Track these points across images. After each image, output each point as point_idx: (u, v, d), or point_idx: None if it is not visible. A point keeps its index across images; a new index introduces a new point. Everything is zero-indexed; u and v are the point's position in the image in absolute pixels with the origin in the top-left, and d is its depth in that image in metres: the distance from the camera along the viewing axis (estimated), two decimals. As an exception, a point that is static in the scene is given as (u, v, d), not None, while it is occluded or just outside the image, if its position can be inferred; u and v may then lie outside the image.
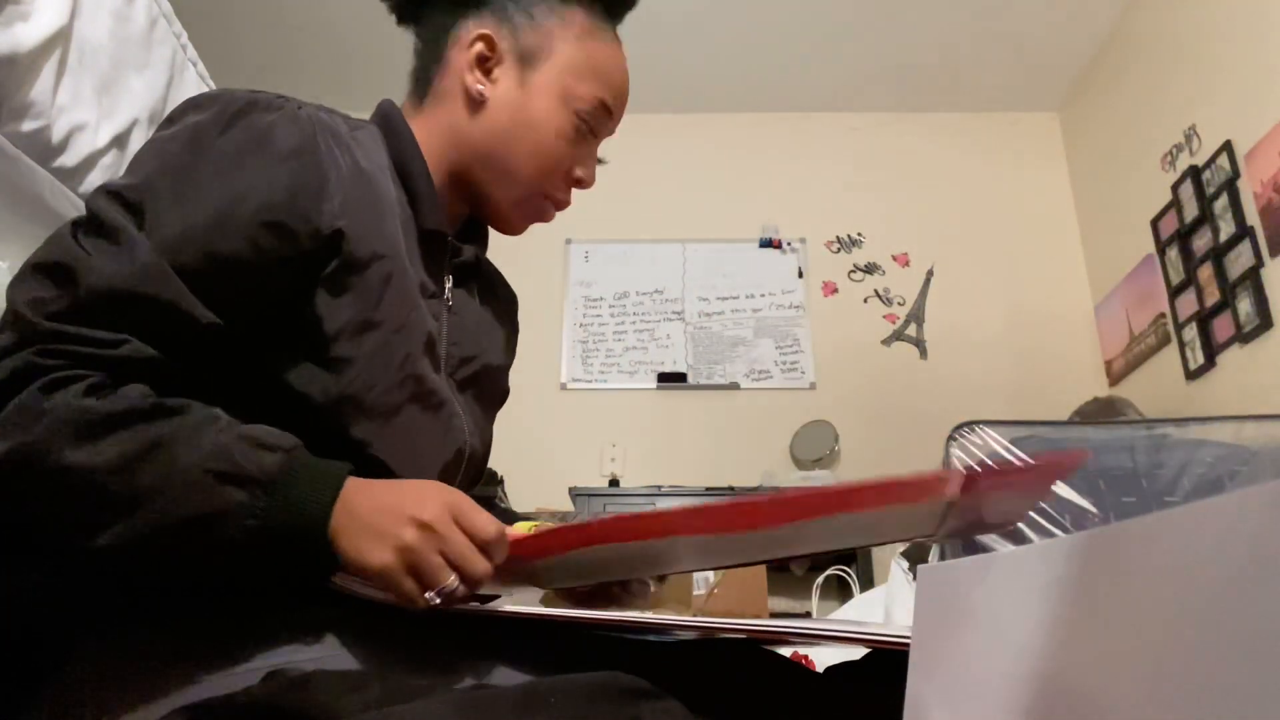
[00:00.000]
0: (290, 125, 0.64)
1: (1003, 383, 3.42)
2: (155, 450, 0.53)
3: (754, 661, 0.60)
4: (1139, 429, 2.04)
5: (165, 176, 0.60)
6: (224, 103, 0.64)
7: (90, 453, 0.52)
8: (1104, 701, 0.26)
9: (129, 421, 0.53)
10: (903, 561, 1.83)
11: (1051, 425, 2.17)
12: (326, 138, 0.66)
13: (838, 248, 3.72)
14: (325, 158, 0.65)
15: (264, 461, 0.54)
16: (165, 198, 0.59)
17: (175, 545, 0.53)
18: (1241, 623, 0.22)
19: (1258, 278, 2.55)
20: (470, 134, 0.77)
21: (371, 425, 0.65)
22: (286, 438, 0.57)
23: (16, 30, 0.82)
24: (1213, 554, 0.23)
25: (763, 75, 3.69)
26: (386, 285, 0.67)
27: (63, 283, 0.55)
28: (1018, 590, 0.31)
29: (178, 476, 0.52)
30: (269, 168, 0.62)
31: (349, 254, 0.65)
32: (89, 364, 0.54)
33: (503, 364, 0.89)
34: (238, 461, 0.53)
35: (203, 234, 0.59)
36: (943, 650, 0.34)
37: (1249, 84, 2.64)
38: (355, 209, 0.66)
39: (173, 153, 0.61)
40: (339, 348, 0.64)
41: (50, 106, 0.89)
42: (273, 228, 0.61)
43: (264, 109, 0.64)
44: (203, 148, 0.61)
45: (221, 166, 0.61)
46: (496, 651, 0.55)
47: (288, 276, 0.63)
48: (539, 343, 3.56)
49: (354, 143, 0.70)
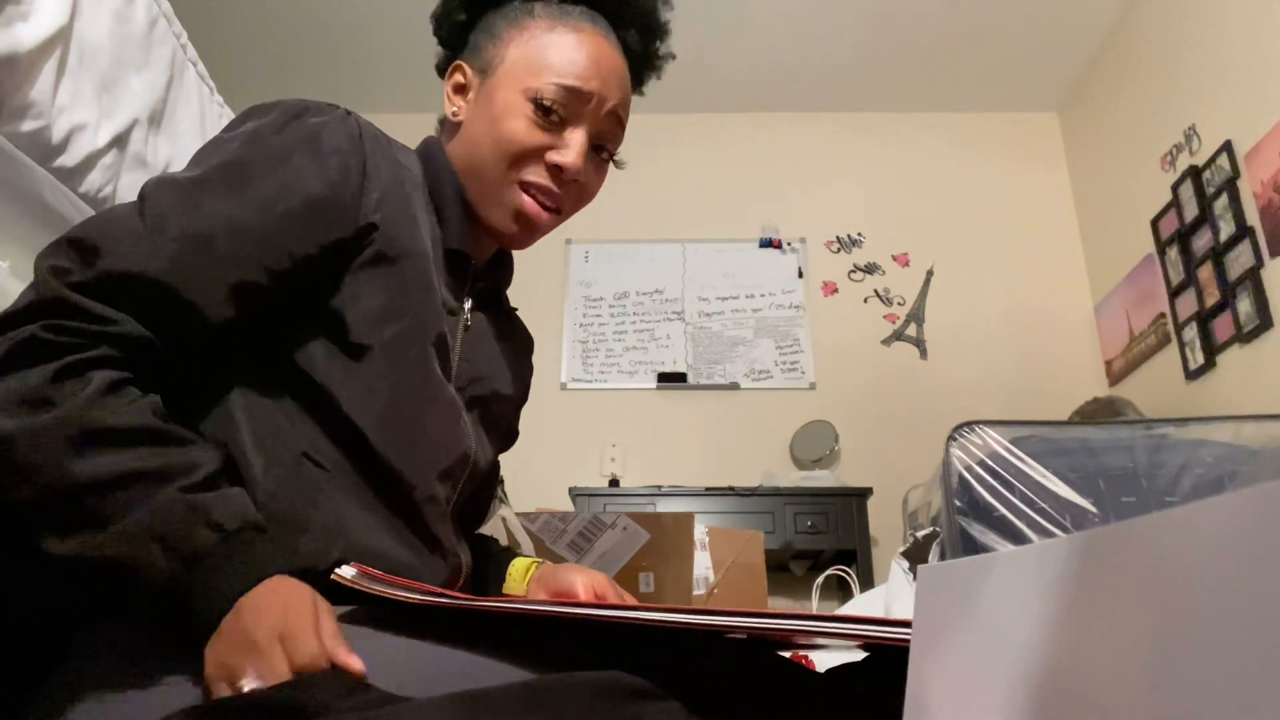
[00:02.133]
0: (339, 126, 0.70)
1: (1003, 383, 3.42)
2: (128, 482, 0.54)
3: (754, 661, 0.60)
4: (1139, 429, 2.04)
5: (221, 169, 0.65)
6: (283, 108, 0.70)
7: (86, 464, 0.54)
8: (1104, 701, 0.26)
9: (131, 442, 0.55)
10: (903, 561, 1.83)
11: (1051, 425, 2.18)
12: (371, 141, 0.72)
13: (838, 248, 3.72)
14: (368, 159, 0.71)
15: (197, 541, 0.54)
16: (218, 186, 0.64)
17: (104, 571, 0.55)
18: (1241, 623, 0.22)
19: (1258, 278, 2.55)
20: (457, 154, 0.82)
21: (374, 414, 0.67)
22: (242, 516, 0.57)
23: (16, 30, 0.82)
24: (1213, 554, 0.23)
25: (763, 75, 3.69)
26: (412, 282, 0.71)
27: (87, 257, 0.58)
28: (1018, 590, 0.31)
29: (124, 519, 0.54)
30: (315, 162, 0.67)
31: (382, 247, 0.69)
32: (86, 339, 0.57)
33: (513, 395, 0.91)
34: (176, 529, 0.54)
35: (248, 225, 0.63)
36: (943, 650, 0.34)
37: (1249, 84, 2.64)
38: (391, 209, 0.71)
39: (231, 150, 0.67)
40: (359, 334, 0.67)
41: (50, 106, 0.89)
42: (314, 217, 0.66)
43: (316, 113, 0.70)
44: (258, 145, 0.67)
45: (272, 161, 0.66)
46: (497, 651, 0.55)
47: (321, 263, 0.67)
48: (539, 343, 3.54)
49: (397, 156, 0.76)
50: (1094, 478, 1.91)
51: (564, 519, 1.57)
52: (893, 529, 3.01)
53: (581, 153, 0.80)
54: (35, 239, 0.86)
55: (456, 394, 0.78)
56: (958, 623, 0.34)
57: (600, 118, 0.81)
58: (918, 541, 1.88)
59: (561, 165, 0.79)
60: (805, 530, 2.93)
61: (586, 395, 3.51)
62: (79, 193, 0.98)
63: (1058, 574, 0.29)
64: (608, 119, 0.81)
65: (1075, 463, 1.94)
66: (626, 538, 1.64)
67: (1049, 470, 1.92)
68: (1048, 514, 1.88)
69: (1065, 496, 1.89)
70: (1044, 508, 1.89)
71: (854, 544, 2.93)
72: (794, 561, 3.14)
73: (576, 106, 0.79)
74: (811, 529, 2.93)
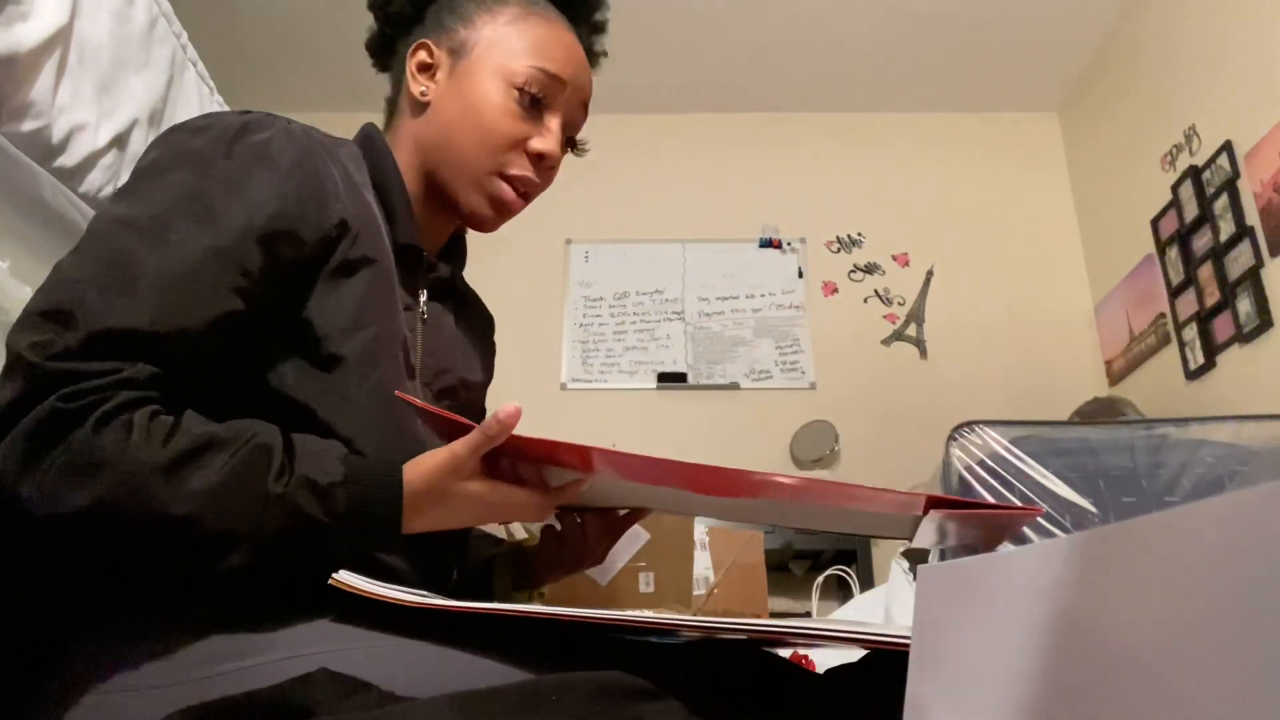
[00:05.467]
0: (286, 139, 0.67)
1: (1003, 383, 3.42)
2: (234, 482, 0.56)
3: (754, 661, 0.60)
4: (1139, 429, 2.04)
5: (180, 201, 0.62)
6: (220, 127, 0.66)
7: (178, 494, 0.54)
8: (1104, 702, 0.26)
9: (207, 452, 0.56)
10: (903, 561, 1.83)
11: (1051, 425, 2.18)
12: (319, 148, 0.70)
13: (838, 248, 3.72)
14: (323, 167, 0.69)
15: (334, 506, 0.59)
16: (183, 221, 0.61)
17: (280, 554, 0.57)
18: (1242, 623, 0.22)
19: (1258, 278, 2.55)
20: (425, 136, 0.81)
21: (357, 424, 0.67)
22: (338, 458, 0.61)
23: (16, 30, 0.82)
24: (1213, 554, 0.23)
25: (763, 75, 3.69)
26: (377, 287, 0.70)
27: (66, 324, 0.56)
28: (1018, 590, 0.31)
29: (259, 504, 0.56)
30: (276, 181, 0.65)
31: (349, 252, 0.68)
32: (104, 392, 0.55)
33: (480, 380, 0.91)
34: (305, 512, 0.58)
35: (224, 255, 0.61)
36: (943, 650, 0.34)
37: (1249, 84, 2.64)
38: (354, 215, 0.70)
39: (180, 180, 0.63)
40: (330, 345, 0.66)
41: (50, 106, 0.89)
42: (286, 235, 0.64)
43: (258, 128, 0.67)
44: (211, 172, 0.64)
45: (231, 186, 0.63)
46: (497, 651, 0.55)
47: (294, 279, 0.66)
48: (539, 343, 3.56)
49: (341, 156, 0.73)
50: (1094, 478, 1.91)
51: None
52: (893, 529, 3.01)
53: (560, 140, 0.82)
54: (35, 239, 0.86)
55: (424, 389, 0.78)
56: (958, 622, 0.34)
57: (573, 106, 0.83)
58: (918, 541, 1.88)
59: (544, 153, 0.80)
60: (805, 530, 2.93)
61: (586, 395, 3.51)
62: (79, 193, 0.98)
63: (1058, 574, 0.29)
64: (580, 108, 0.84)
65: (1075, 463, 1.94)
66: (626, 538, 1.64)
67: (1049, 470, 1.92)
68: (1048, 514, 1.88)
69: (1065, 496, 1.89)
70: (1044, 508, 1.89)
71: (854, 544, 2.93)
72: (794, 561, 3.14)
73: (554, 94, 0.80)
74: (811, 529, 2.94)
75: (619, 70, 4.35)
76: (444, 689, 0.48)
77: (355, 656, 0.55)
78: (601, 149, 1.56)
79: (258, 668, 0.53)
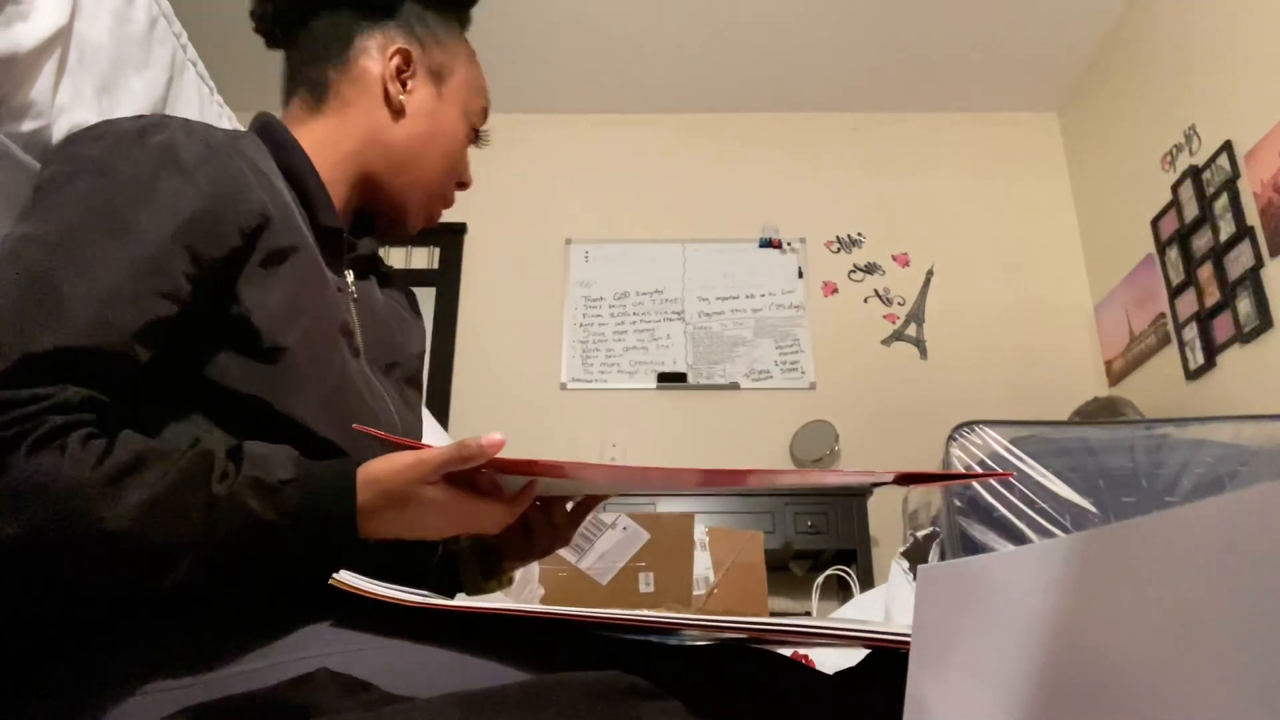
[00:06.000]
0: (188, 138, 0.66)
1: (1003, 383, 3.42)
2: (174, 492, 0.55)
3: (754, 661, 0.60)
4: (1139, 429, 2.04)
5: (88, 215, 0.60)
6: (116, 133, 0.65)
7: (115, 510, 0.52)
8: (1104, 702, 0.26)
9: (145, 469, 0.55)
10: (903, 561, 1.83)
11: (1051, 425, 2.18)
12: (221, 143, 0.68)
13: (838, 248, 3.72)
14: (230, 162, 0.67)
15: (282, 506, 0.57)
16: (95, 234, 0.59)
17: (232, 564, 0.56)
18: (1242, 623, 0.22)
19: (1258, 278, 2.55)
20: (391, 138, 0.83)
21: (315, 409, 0.67)
22: (289, 460, 0.60)
23: (16, 30, 0.82)
24: (1213, 554, 0.23)
25: (763, 75, 3.69)
26: (306, 273, 0.70)
27: None
28: (1018, 590, 0.31)
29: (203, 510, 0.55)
30: (186, 182, 0.63)
31: (271, 243, 0.67)
32: (31, 420, 0.53)
33: (418, 351, 0.93)
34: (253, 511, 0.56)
35: (145, 263, 0.59)
36: (943, 650, 0.34)
37: (1249, 84, 2.64)
38: (269, 206, 0.68)
39: (85, 190, 0.61)
40: (271, 337, 0.65)
41: (50, 106, 0.89)
42: (206, 234, 0.63)
43: (156, 130, 0.66)
44: (116, 180, 0.62)
45: (140, 192, 0.61)
46: (497, 651, 0.55)
47: (222, 277, 0.65)
48: (539, 343, 3.56)
49: (244, 149, 0.71)
50: (1094, 478, 1.91)
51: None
52: (893, 529, 3.01)
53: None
54: (35, 239, 0.86)
55: (370, 367, 0.79)
56: (958, 622, 0.34)
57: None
58: (918, 541, 1.88)
59: (467, 185, 0.91)
60: (805, 530, 2.93)
61: (586, 395, 3.51)
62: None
63: (1058, 574, 0.29)
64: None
65: (1075, 463, 1.94)
66: (626, 538, 1.64)
67: (1049, 470, 1.92)
68: (1048, 514, 1.88)
69: (1065, 496, 1.89)
70: (1044, 508, 1.89)
71: (854, 544, 2.93)
72: (794, 561, 3.14)
73: (480, 131, 0.92)
74: (811, 529, 2.93)
75: (619, 71, 4.34)
76: (444, 689, 0.48)
77: (355, 657, 0.55)
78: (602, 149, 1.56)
79: (258, 669, 0.53)
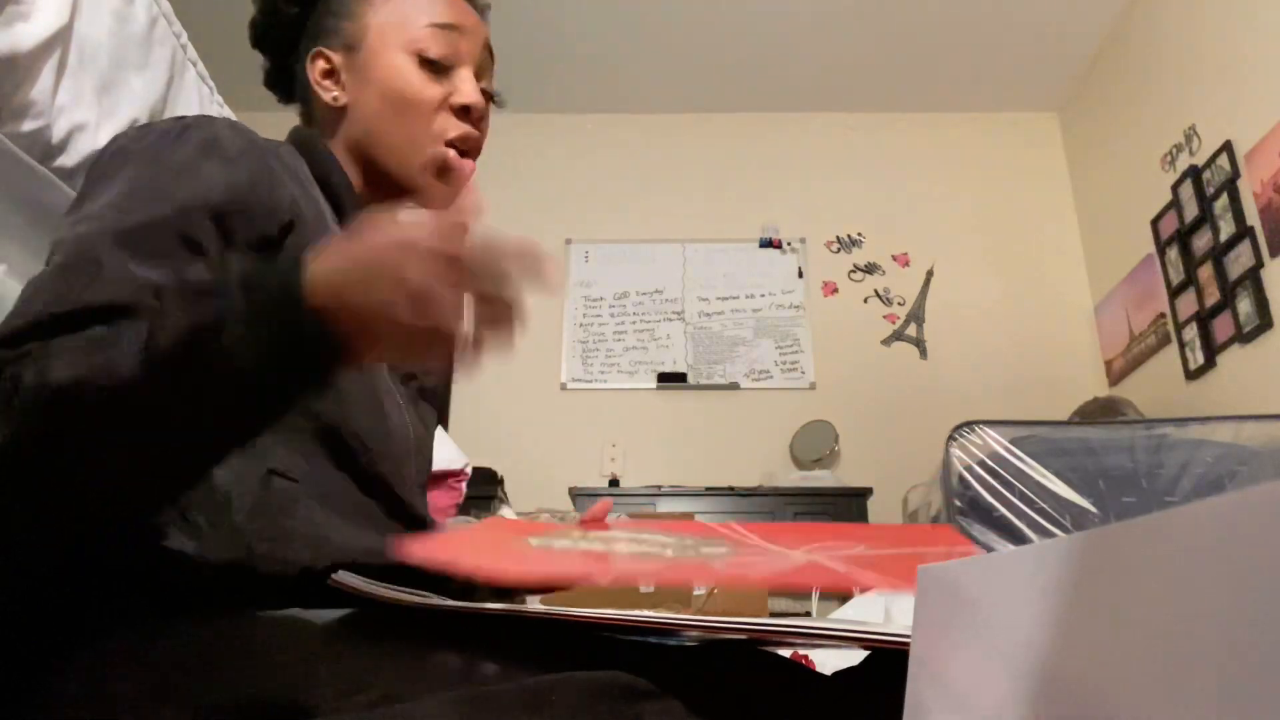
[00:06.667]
0: (232, 132, 0.68)
1: (1003, 383, 3.42)
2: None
3: (754, 661, 0.60)
4: (1139, 429, 2.04)
5: (134, 191, 0.61)
6: (161, 129, 0.67)
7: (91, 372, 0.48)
8: (1104, 702, 0.26)
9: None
10: (903, 561, 1.83)
11: (1051, 425, 2.18)
12: (263, 142, 0.71)
13: (838, 248, 3.73)
14: (269, 159, 0.69)
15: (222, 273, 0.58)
16: (140, 204, 0.60)
17: (190, 355, 0.49)
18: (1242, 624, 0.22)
19: (1258, 278, 2.55)
20: (354, 136, 0.81)
21: (342, 406, 0.67)
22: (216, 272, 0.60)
23: (16, 30, 0.82)
24: (1213, 554, 0.23)
25: (763, 75, 3.69)
26: None
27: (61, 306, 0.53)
28: (1018, 590, 0.31)
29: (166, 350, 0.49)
30: (225, 166, 0.65)
31: (304, 243, 0.67)
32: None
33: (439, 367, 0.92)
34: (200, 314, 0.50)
35: (174, 220, 0.60)
36: (943, 651, 0.34)
37: (1249, 84, 2.64)
38: (302, 206, 0.70)
39: (132, 174, 0.62)
40: None
41: (50, 106, 0.89)
42: (238, 213, 0.64)
43: (199, 126, 0.68)
44: (160, 162, 0.63)
45: (182, 172, 0.63)
46: (497, 651, 0.55)
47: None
48: (539, 343, 3.56)
49: (281, 155, 0.74)
50: (1094, 478, 1.92)
51: (564, 519, 1.57)
52: (893, 529, 3.01)
53: (476, 87, 0.82)
54: (34, 240, 0.86)
55: (387, 374, 0.78)
56: (958, 622, 0.34)
57: (477, 53, 0.83)
58: (918, 541, 1.88)
59: (469, 105, 0.80)
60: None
61: (586, 395, 3.51)
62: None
63: (1058, 574, 0.29)
64: (484, 52, 0.84)
65: (1075, 463, 1.94)
66: (626, 538, 1.64)
67: (1049, 470, 1.93)
68: (1048, 514, 1.89)
69: (1065, 496, 1.90)
70: (1044, 508, 1.89)
71: (854, 544, 2.93)
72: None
73: (456, 46, 0.81)
74: (811, 529, 2.94)
75: (619, 70, 4.34)
76: (444, 688, 0.48)
77: (356, 656, 0.55)
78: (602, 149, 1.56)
79: (258, 669, 0.53)
